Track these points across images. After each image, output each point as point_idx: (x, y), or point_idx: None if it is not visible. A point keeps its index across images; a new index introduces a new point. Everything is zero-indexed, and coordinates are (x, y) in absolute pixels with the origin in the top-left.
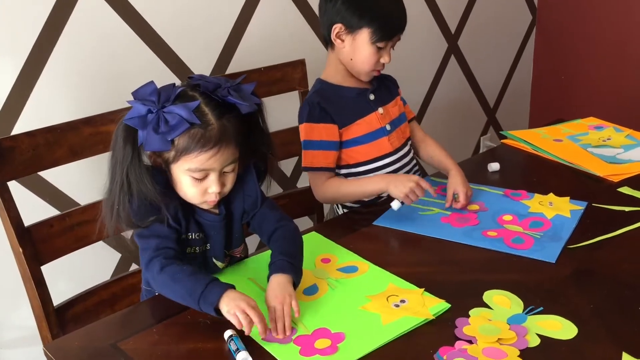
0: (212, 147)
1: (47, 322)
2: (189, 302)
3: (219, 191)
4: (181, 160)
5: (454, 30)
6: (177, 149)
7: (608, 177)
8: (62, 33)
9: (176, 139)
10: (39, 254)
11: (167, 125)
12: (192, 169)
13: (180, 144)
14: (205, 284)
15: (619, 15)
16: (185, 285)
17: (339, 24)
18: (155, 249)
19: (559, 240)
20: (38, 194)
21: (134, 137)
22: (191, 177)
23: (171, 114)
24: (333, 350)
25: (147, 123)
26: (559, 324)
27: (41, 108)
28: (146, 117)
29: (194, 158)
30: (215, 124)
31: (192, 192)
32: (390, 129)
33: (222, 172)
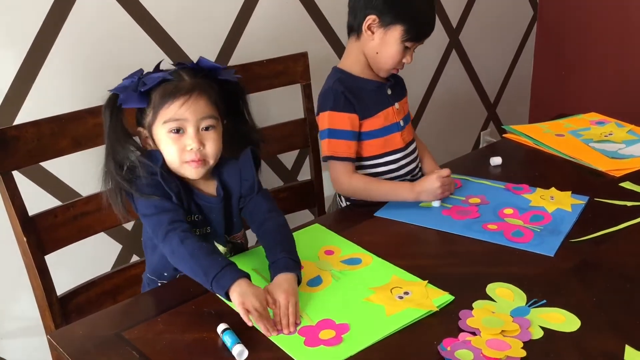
0: (183, 95)
1: (50, 312)
2: (203, 281)
3: (196, 147)
4: (158, 117)
5: (455, 24)
6: (154, 106)
7: (610, 172)
8: (64, 24)
9: (152, 96)
10: (42, 243)
11: (145, 82)
12: (167, 120)
13: (156, 100)
14: (222, 266)
15: (619, 11)
16: (202, 263)
17: (374, 16)
18: (170, 222)
19: (559, 234)
20: (41, 185)
21: (114, 102)
22: (169, 133)
23: (149, 77)
24: (337, 341)
25: (129, 86)
26: (562, 316)
27: (43, 99)
28: (128, 85)
29: (167, 109)
30: (188, 79)
31: (172, 151)
32: (403, 124)
33: (199, 128)
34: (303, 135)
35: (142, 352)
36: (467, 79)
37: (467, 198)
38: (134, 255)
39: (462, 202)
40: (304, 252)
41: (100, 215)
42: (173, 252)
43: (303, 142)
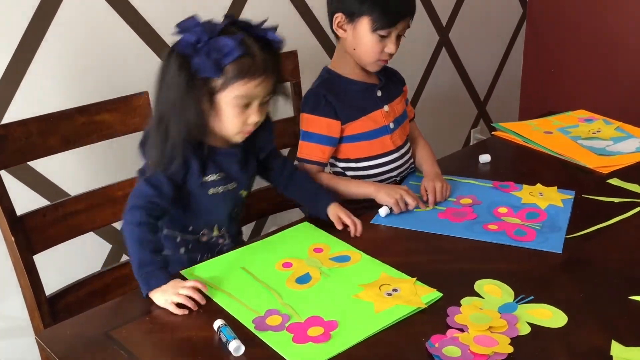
0: (259, 76)
1: (39, 312)
2: (134, 267)
3: (258, 120)
4: (229, 89)
5: (445, 22)
6: (227, 77)
7: (598, 169)
8: (52, 22)
9: (227, 67)
10: (31, 243)
11: (219, 52)
12: (239, 96)
13: (230, 72)
14: (156, 267)
15: (608, 9)
16: (143, 255)
17: (340, 13)
18: (146, 199)
19: (559, 231)
20: (29, 184)
21: (188, 65)
22: (235, 107)
23: (221, 43)
24: (326, 338)
25: (199, 50)
26: (549, 312)
27: (31, 98)
28: (196, 45)
29: (242, 86)
30: (259, 55)
31: (234, 123)
32: (394, 127)
33: (261, 102)
34: (293, 134)
35: (131, 352)
36: (457, 77)
37: (457, 199)
38: (123, 255)
39: (454, 203)
40: (293, 249)
41: (89, 215)
42: (128, 224)
43: (293, 141)
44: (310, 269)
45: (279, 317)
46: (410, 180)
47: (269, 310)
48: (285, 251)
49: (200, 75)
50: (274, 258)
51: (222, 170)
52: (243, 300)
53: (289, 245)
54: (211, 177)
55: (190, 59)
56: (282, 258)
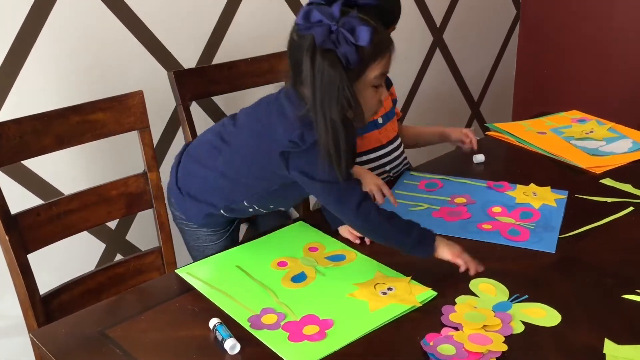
0: (391, 48)
1: (33, 311)
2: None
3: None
4: (368, 70)
5: (439, 23)
6: (364, 59)
7: (591, 169)
8: (46, 21)
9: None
10: (25, 242)
11: (354, 36)
12: (377, 75)
13: (366, 53)
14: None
15: (601, 11)
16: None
17: None
18: (362, 194)
19: (553, 230)
20: (23, 183)
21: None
22: (372, 87)
23: (351, 26)
24: (321, 337)
25: (337, 41)
26: (543, 311)
27: (25, 97)
28: (330, 35)
29: (379, 63)
30: (382, 27)
31: (373, 102)
32: (382, 122)
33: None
34: None
35: (126, 350)
36: (450, 77)
37: (452, 198)
38: (117, 254)
39: (449, 202)
40: (288, 248)
41: (83, 214)
42: (369, 220)
43: None
44: (306, 267)
45: (275, 316)
46: (404, 179)
47: (265, 308)
48: (280, 250)
49: (351, 64)
50: (269, 257)
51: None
52: (238, 299)
53: (284, 244)
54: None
55: (335, 52)
56: (277, 257)
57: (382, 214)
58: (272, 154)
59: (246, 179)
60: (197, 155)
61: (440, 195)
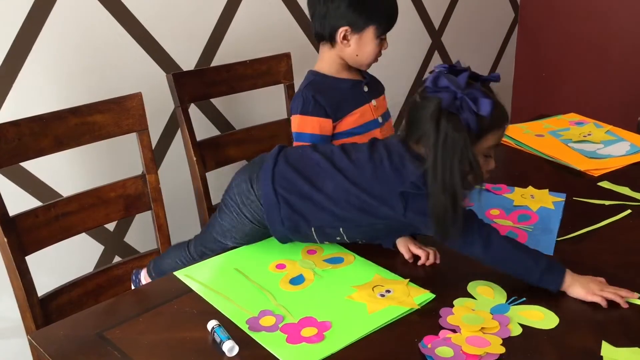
0: (506, 123)
1: (31, 313)
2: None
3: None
4: (484, 139)
5: (437, 26)
6: (483, 128)
7: (588, 172)
8: (45, 24)
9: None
10: (23, 244)
11: (477, 105)
12: (491, 145)
13: (485, 123)
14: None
15: (599, 14)
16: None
17: (346, 27)
18: (480, 222)
19: (550, 233)
20: (21, 185)
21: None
22: (485, 157)
23: (474, 96)
24: (319, 339)
25: (460, 107)
26: (540, 314)
27: (24, 99)
28: (454, 101)
29: (495, 134)
30: (499, 102)
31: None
32: (382, 121)
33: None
34: (286, 136)
35: (124, 352)
36: None
37: None
38: (116, 256)
39: None
40: (287, 251)
41: (81, 216)
42: (490, 244)
43: (287, 142)
44: (304, 270)
45: (273, 318)
46: None
47: (263, 311)
48: (278, 253)
49: (472, 129)
50: (267, 259)
51: None
52: (237, 301)
53: (283, 247)
54: None
55: (459, 116)
56: (275, 259)
57: (508, 243)
58: (392, 193)
59: (354, 212)
60: (300, 168)
61: None
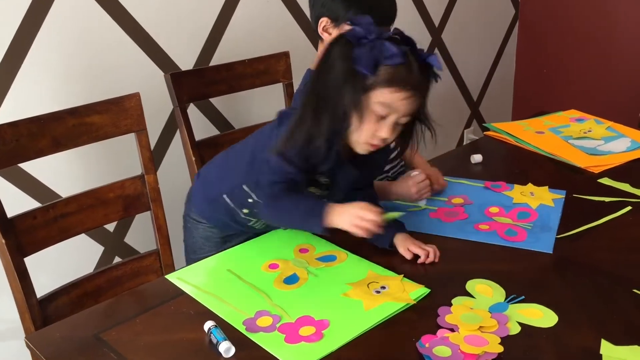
0: (409, 90)
1: (30, 314)
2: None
3: (385, 137)
4: (376, 91)
5: (437, 23)
6: (378, 79)
7: (589, 169)
8: (43, 24)
9: (382, 69)
10: (22, 245)
11: (381, 52)
12: (382, 102)
13: (382, 75)
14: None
15: (600, 10)
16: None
17: (326, 17)
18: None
19: (550, 230)
20: (19, 186)
21: (350, 53)
22: (373, 113)
23: (385, 46)
24: (318, 337)
25: (363, 44)
26: (539, 312)
27: (22, 100)
28: (362, 38)
29: (389, 93)
30: (417, 73)
31: (365, 130)
32: None
33: (397, 120)
34: None
35: (121, 354)
36: (450, 77)
37: (449, 199)
38: (116, 257)
39: (446, 203)
40: (279, 250)
41: (80, 217)
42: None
43: None
44: (297, 269)
45: (270, 318)
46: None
47: (259, 311)
48: (270, 252)
49: (357, 66)
50: (260, 259)
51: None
52: (232, 303)
53: (274, 246)
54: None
55: (352, 48)
56: (268, 259)
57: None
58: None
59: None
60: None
61: (437, 195)
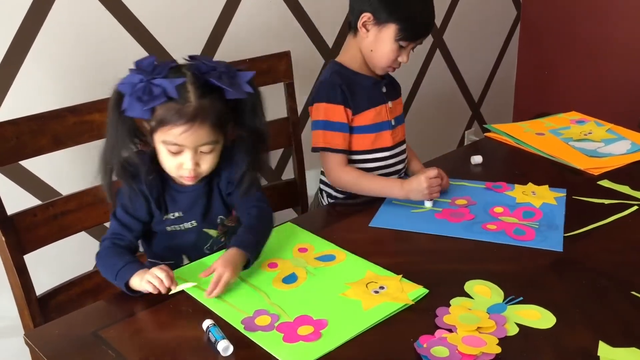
0: (185, 123)
1: (29, 311)
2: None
3: (191, 169)
4: (159, 132)
5: (439, 24)
6: (156, 120)
7: (588, 170)
8: (44, 22)
9: (157, 109)
10: (21, 242)
11: (150, 95)
12: (166, 141)
13: (158, 115)
14: (127, 262)
15: (601, 12)
16: (112, 262)
17: (369, 14)
18: (112, 233)
19: (557, 229)
20: (20, 184)
21: (120, 103)
22: (166, 150)
23: (157, 86)
24: (316, 337)
25: (134, 91)
26: (537, 313)
27: (23, 98)
28: (136, 85)
29: (168, 131)
30: (194, 102)
31: (169, 165)
32: (394, 124)
33: (197, 150)
34: (286, 135)
35: (119, 352)
36: (451, 78)
37: (453, 200)
38: None
39: (450, 204)
40: (278, 249)
41: (80, 214)
42: (98, 254)
43: (286, 141)
44: (296, 268)
45: (268, 317)
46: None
47: (258, 310)
48: (269, 251)
49: (128, 114)
50: (259, 259)
51: (182, 209)
52: (231, 302)
53: (273, 245)
54: (172, 215)
55: (123, 98)
56: (267, 258)
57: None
58: None
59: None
60: None
61: (440, 197)
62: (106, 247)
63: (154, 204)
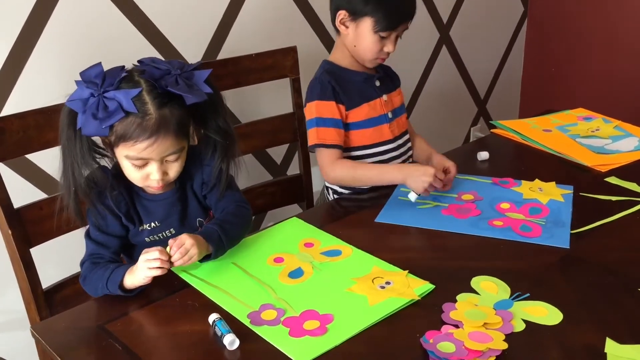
0: (147, 138)
1: (35, 305)
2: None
3: (159, 179)
4: (120, 147)
5: (445, 20)
6: (116, 135)
7: (596, 167)
8: (51, 16)
9: (115, 124)
10: (28, 236)
11: (106, 111)
12: (129, 156)
13: (118, 131)
14: (111, 269)
15: (609, 8)
16: (99, 273)
17: (343, 10)
18: (89, 254)
19: (564, 226)
20: (26, 177)
21: (75, 122)
22: (130, 164)
23: (111, 100)
24: (322, 331)
25: (88, 107)
26: (544, 309)
27: (29, 91)
28: (87, 100)
29: (130, 147)
30: (154, 114)
31: (134, 177)
32: (392, 117)
33: (163, 161)
34: (292, 130)
35: (125, 345)
36: (457, 75)
37: (459, 195)
38: None
39: (456, 199)
40: (284, 244)
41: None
42: (82, 277)
43: (292, 137)
44: (302, 263)
45: (274, 312)
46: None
47: (264, 305)
48: (275, 246)
49: (84, 134)
50: (265, 253)
51: (157, 218)
52: (237, 296)
53: (279, 240)
54: (147, 225)
55: (77, 116)
56: (273, 253)
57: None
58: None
59: None
60: None
61: (447, 192)
62: (87, 268)
63: (125, 219)
